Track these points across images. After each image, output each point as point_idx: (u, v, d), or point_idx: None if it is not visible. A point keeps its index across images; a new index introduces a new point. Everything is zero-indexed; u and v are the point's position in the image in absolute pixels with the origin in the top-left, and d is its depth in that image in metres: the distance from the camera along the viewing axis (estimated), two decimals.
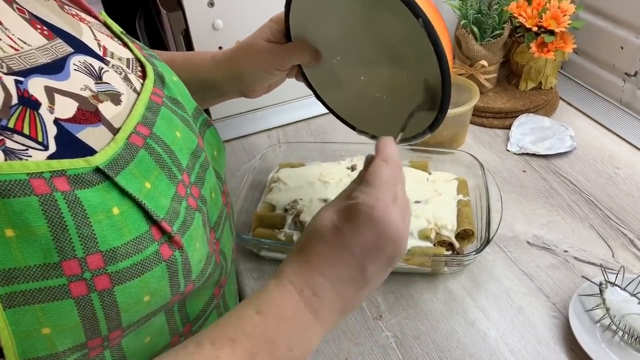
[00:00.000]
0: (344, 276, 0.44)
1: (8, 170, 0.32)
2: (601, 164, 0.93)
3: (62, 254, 0.34)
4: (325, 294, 0.44)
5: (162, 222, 0.39)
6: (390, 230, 0.44)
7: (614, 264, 0.74)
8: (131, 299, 0.38)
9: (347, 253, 0.44)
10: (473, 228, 0.76)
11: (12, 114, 0.33)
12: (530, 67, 1.04)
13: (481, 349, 0.65)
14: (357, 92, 0.74)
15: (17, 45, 0.37)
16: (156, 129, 0.43)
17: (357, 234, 0.44)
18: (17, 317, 0.34)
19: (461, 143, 0.99)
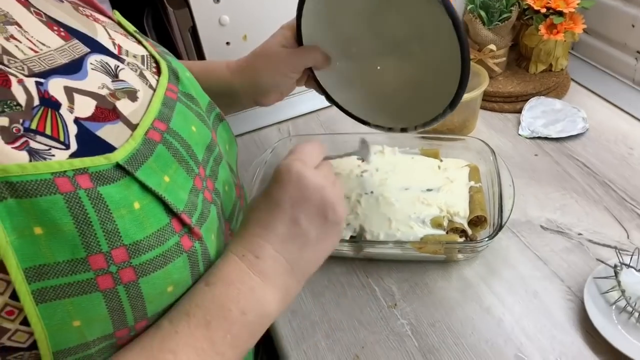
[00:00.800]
0: (280, 233, 0.46)
1: (33, 171, 0.33)
2: (614, 144, 0.92)
3: (89, 249, 0.35)
4: (266, 254, 0.46)
5: (182, 215, 0.41)
6: (309, 181, 0.46)
7: (629, 245, 0.74)
8: (155, 290, 0.39)
9: (276, 209, 0.46)
10: (486, 214, 0.76)
11: (34, 115, 0.35)
12: (540, 50, 1.03)
13: (497, 335, 0.66)
14: (369, 88, 0.75)
15: (36, 47, 0.38)
16: (173, 124, 0.45)
17: (282, 190, 0.46)
18: (49, 311, 0.35)
19: (472, 129, 0.99)
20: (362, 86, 0.75)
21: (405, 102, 0.73)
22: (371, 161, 0.81)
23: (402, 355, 0.65)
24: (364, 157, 0.67)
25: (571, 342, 0.64)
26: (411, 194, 0.77)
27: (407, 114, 0.71)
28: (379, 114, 0.73)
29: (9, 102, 0.34)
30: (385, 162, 0.85)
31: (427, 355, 0.65)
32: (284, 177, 0.47)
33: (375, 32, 0.70)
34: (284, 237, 0.46)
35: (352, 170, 0.84)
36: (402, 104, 0.73)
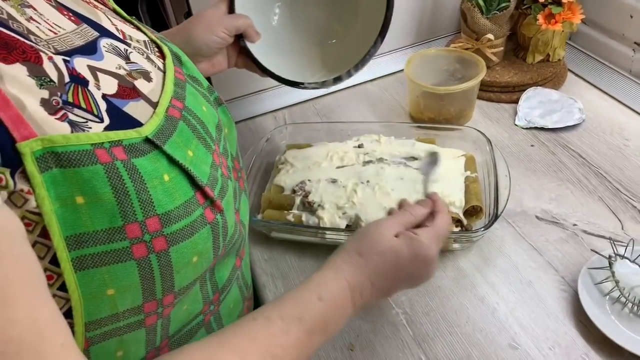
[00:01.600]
0: (384, 288, 0.54)
1: (76, 142, 0.34)
2: (610, 136, 0.92)
3: (125, 218, 0.37)
4: (366, 296, 0.52)
5: (206, 188, 0.43)
6: (431, 272, 0.56)
7: (624, 236, 0.74)
8: (183, 259, 0.41)
9: (396, 274, 0.54)
10: (481, 204, 0.76)
11: (67, 90, 0.36)
12: (538, 40, 1.02)
13: (491, 324, 0.66)
14: (300, 46, 0.81)
15: (54, 29, 0.39)
16: (187, 102, 0.46)
17: (412, 267, 0.54)
18: (87, 279, 0.36)
19: (468, 119, 0.99)
20: (293, 45, 0.81)
21: (336, 49, 0.79)
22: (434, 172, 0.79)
23: (397, 343, 0.65)
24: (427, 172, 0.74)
25: (565, 332, 0.64)
26: (407, 183, 0.77)
27: (340, 61, 0.77)
28: (313, 71, 0.79)
29: (44, 78, 0.35)
30: (382, 151, 0.84)
31: (421, 344, 0.65)
32: (421, 255, 0.54)
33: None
34: (383, 291, 0.54)
35: (347, 153, 0.84)
36: (332, 52, 0.79)
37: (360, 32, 0.77)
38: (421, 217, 0.59)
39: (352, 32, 0.80)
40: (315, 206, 0.76)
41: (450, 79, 1.00)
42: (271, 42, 0.78)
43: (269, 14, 0.80)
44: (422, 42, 1.15)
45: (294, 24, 0.82)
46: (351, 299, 0.50)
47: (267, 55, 0.77)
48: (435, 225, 0.57)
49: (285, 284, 0.74)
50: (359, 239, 0.55)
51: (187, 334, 0.49)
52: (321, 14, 0.81)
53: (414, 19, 1.11)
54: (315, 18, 0.82)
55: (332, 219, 0.74)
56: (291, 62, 0.80)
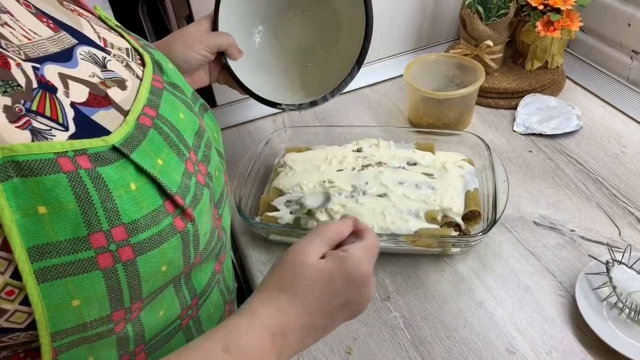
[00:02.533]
0: (318, 325, 0.45)
1: (38, 150, 0.34)
2: (608, 142, 0.92)
3: (90, 228, 0.36)
4: (294, 339, 0.44)
5: (175, 196, 0.42)
6: (370, 292, 0.47)
7: (621, 242, 0.74)
8: (151, 269, 0.40)
9: (330, 304, 0.45)
10: (479, 209, 0.76)
11: (34, 97, 0.35)
12: (536, 47, 1.03)
13: (488, 328, 0.66)
14: (280, 67, 0.83)
15: (29, 35, 0.39)
16: (161, 110, 0.46)
17: (346, 291, 0.45)
18: (50, 290, 0.36)
19: (467, 124, 0.99)
20: (274, 66, 0.83)
21: (315, 73, 0.81)
22: None
23: (395, 347, 0.65)
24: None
25: (562, 337, 0.64)
26: (406, 187, 0.77)
27: (318, 84, 0.79)
28: (292, 92, 0.81)
29: (11, 82, 0.34)
30: (381, 155, 0.85)
31: (419, 347, 0.65)
32: (356, 276, 0.45)
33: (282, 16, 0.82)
34: (317, 328, 0.46)
35: (346, 157, 0.84)
36: (312, 74, 0.81)
37: (340, 57, 0.79)
38: (346, 233, 0.50)
39: (332, 57, 0.82)
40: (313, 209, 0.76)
41: (449, 84, 1.01)
42: (252, 61, 0.80)
43: (251, 33, 0.82)
44: (422, 48, 1.16)
45: (276, 44, 0.83)
46: (272, 346, 0.43)
47: (247, 73, 0.78)
48: (365, 241, 0.49)
49: None
50: (278, 272, 0.46)
51: (164, 338, 0.48)
52: (303, 36, 0.83)
53: (413, 24, 1.11)
54: (298, 40, 0.83)
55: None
56: (271, 82, 0.81)
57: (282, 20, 0.82)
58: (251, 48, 0.81)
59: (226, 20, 0.75)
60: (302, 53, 0.83)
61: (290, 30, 0.83)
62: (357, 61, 0.72)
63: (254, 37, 0.82)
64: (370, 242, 0.49)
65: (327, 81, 0.77)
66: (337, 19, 0.80)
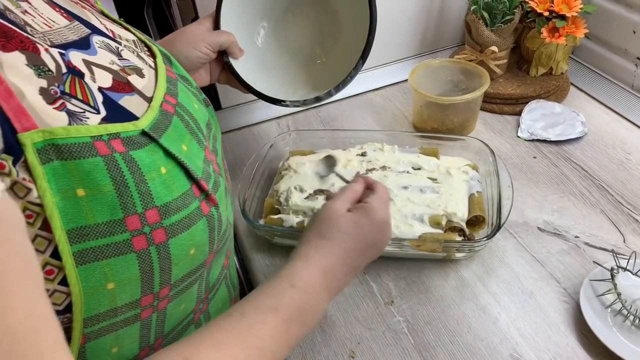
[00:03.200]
0: (353, 264, 0.54)
1: (76, 134, 0.35)
2: (612, 149, 0.92)
3: (126, 210, 0.37)
4: (338, 276, 0.53)
5: (201, 181, 0.43)
6: (389, 232, 0.58)
7: (626, 249, 0.74)
8: (181, 251, 0.42)
9: (361, 246, 0.54)
10: (484, 214, 0.76)
11: (65, 80, 0.36)
12: (541, 53, 1.03)
13: (492, 334, 0.66)
14: (283, 64, 0.83)
15: (48, 23, 0.40)
16: (180, 99, 0.47)
17: (373, 233, 0.55)
18: (88, 273, 0.36)
19: (471, 129, 0.99)
20: (276, 64, 0.82)
21: (319, 69, 0.81)
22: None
23: (398, 351, 0.65)
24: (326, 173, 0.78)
25: (566, 344, 0.64)
26: (410, 192, 0.77)
27: (322, 80, 0.79)
28: (295, 89, 0.80)
29: (42, 67, 0.35)
30: (386, 159, 0.85)
31: (422, 352, 0.65)
32: (379, 219, 0.56)
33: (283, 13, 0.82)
34: (355, 266, 0.55)
35: (351, 161, 0.84)
36: (315, 71, 0.81)
37: (341, 54, 0.79)
38: (360, 192, 0.61)
39: (333, 54, 0.82)
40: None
41: (454, 89, 1.01)
42: (254, 60, 0.80)
43: (253, 32, 0.82)
44: (427, 53, 1.16)
45: (277, 43, 0.84)
46: (325, 283, 0.50)
47: (249, 72, 0.78)
48: (378, 192, 0.59)
49: None
50: (316, 225, 0.55)
51: (179, 332, 0.49)
52: (304, 36, 0.83)
53: (419, 30, 1.12)
54: (298, 39, 0.83)
55: None
56: (274, 80, 0.81)
57: (282, 20, 0.83)
58: (252, 47, 0.81)
59: (228, 20, 0.75)
60: (303, 52, 0.84)
61: (291, 30, 0.83)
62: (362, 55, 0.73)
63: (255, 36, 0.83)
64: (382, 192, 0.60)
65: (330, 78, 0.77)
66: (337, 18, 0.81)
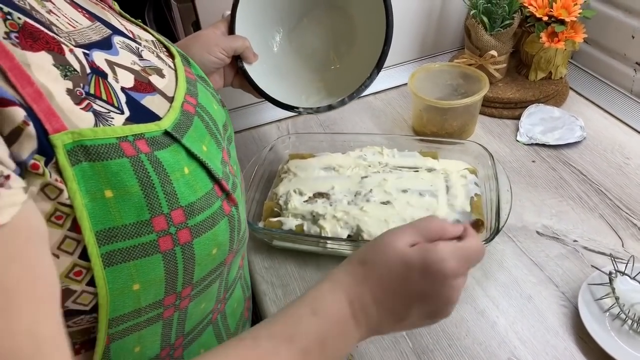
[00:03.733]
0: (391, 307, 0.45)
1: (103, 135, 0.35)
2: (611, 154, 0.93)
3: (152, 211, 0.37)
4: (370, 313, 0.45)
5: (222, 181, 0.43)
6: (450, 294, 0.45)
7: (624, 253, 0.74)
8: (204, 251, 0.42)
9: (404, 291, 0.45)
10: (483, 218, 0.76)
11: (89, 81, 0.37)
12: (540, 57, 1.03)
13: (490, 338, 0.66)
14: (297, 70, 0.82)
15: (72, 23, 0.40)
16: (200, 99, 0.47)
17: (423, 283, 0.44)
18: (115, 274, 0.37)
19: (470, 133, 1.00)
20: (290, 70, 0.82)
21: (333, 77, 0.80)
22: None
23: (397, 355, 0.65)
24: None
25: (564, 348, 0.64)
26: (410, 195, 0.77)
27: (336, 88, 0.78)
28: (308, 95, 0.80)
29: (68, 67, 0.35)
30: (385, 163, 0.85)
31: (421, 356, 0.65)
32: (435, 274, 0.44)
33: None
34: (391, 311, 0.45)
35: (354, 172, 0.84)
36: (329, 79, 0.81)
37: (356, 62, 0.78)
38: (449, 233, 0.47)
39: (347, 62, 0.81)
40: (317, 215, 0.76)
41: (453, 93, 1.01)
42: (268, 65, 0.80)
43: (268, 38, 0.82)
44: (426, 57, 1.17)
45: (292, 48, 0.83)
46: (351, 314, 0.44)
47: (263, 77, 0.78)
48: (464, 243, 0.46)
49: (286, 292, 0.74)
50: (366, 247, 0.47)
51: (198, 332, 0.49)
52: (318, 42, 0.83)
53: (418, 34, 1.12)
54: (313, 46, 0.83)
55: (333, 229, 0.74)
56: (287, 86, 0.81)
57: (298, 25, 0.83)
58: (267, 52, 0.81)
59: (243, 24, 0.75)
60: (318, 58, 0.83)
61: (306, 36, 0.83)
62: (377, 64, 0.72)
63: (269, 41, 0.82)
64: (468, 244, 0.46)
65: (344, 85, 0.77)
66: (352, 25, 0.80)
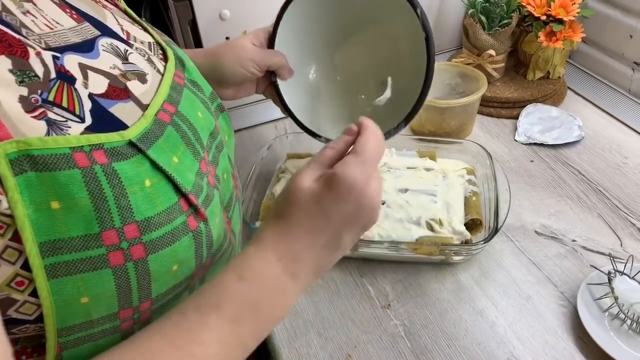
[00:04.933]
0: (321, 242, 0.45)
1: (53, 145, 0.34)
2: (609, 153, 0.92)
3: (102, 225, 0.36)
4: (303, 259, 0.45)
5: (190, 195, 0.42)
6: (369, 202, 0.45)
7: (623, 253, 0.74)
8: (162, 268, 0.40)
9: (326, 221, 0.44)
10: (481, 217, 0.76)
11: (51, 87, 0.36)
12: (539, 57, 1.03)
13: (489, 338, 0.66)
14: (328, 102, 0.78)
15: (50, 24, 0.39)
16: (181, 107, 0.46)
17: (338, 204, 0.44)
18: (60, 286, 0.35)
19: (469, 133, 0.99)
20: (323, 93, 0.78)
21: (363, 109, 0.75)
22: None
23: (395, 355, 0.65)
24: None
25: (563, 347, 0.64)
26: (408, 195, 0.77)
27: None
28: (335, 124, 0.76)
29: (28, 73, 0.34)
30: (383, 162, 0.85)
31: (419, 356, 0.64)
32: (344, 190, 0.43)
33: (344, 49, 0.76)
34: (324, 246, 0.45)
35: None
36: (359, 110, 0.75)
37: (390, 104, 0.72)
38: (344, 148, 0.48)
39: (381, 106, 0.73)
40: None
41: (451, 93, 1.01)
42: (302, 84, 0.76)
43: (306, 56, 0.77)
44: None
45: (329, 71, 0.79)
46: (283, 269, 0.43)
47: (294, 95, 0.75)
48: (358, 147, 0.46)
49: None
50: (278, 201, 0.47)
51: None
52: (359, 67, 0.78)
53: None
54: (353, 70, 0.78)
55: None
56: (317, 108, 0.77)
57: (341, 50, 0.78)
58: (303, 71, 0.77)
59: (284, 40, 0.72)
60: (355, 84, 0.78)
61: (347, 59, 0.78)
62: (406, 119, 0.66)
63: (308, 61, 0.78)
64: (361, 147, 0.45)
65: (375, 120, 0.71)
66: (397, 56, 0.73)
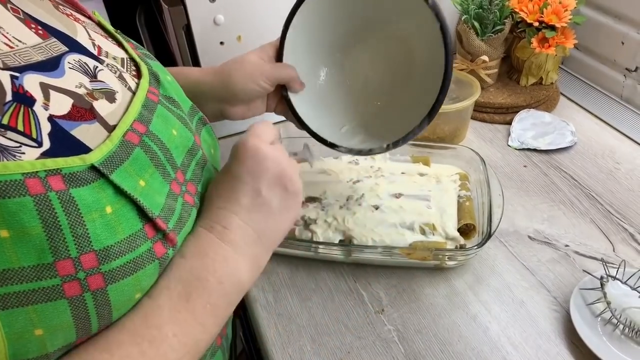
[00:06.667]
0: (244, 204, 0.48)
1: (3, 171, 0.32)
2: (602, 159, 0.93)
3: (56, 254, 0.34)
4: (234, 224, 0.47)
5: (157, 220, 0.40)
6: (265, 153, 0.49)
7: (615, 258, 0.74)
8: (123, 297, 0.38)
9: (237, 183, 0.48)
10: (475, 223, 0.76)
11: (6, 111, 0.33)
12: (531, 63, 1.04)
13: (483, 343, 0.66)
14: (341, 110, 0.76)
15: (11, 43, 0.37)
16: (152, 126, 0.44)
17: (241, 164, 0.48)
18: (11, 319, 0.33)
19: (462, 138, 1.00)
20: (336, 102, 0.76)
21: (379, 117, 0.74)
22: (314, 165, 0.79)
23: None
24: (309, 161, 0.70)
25: (556, 353, 0.64)
26: (401, 200, 0.77)
27: (380, 130, 0.71)
28: (350, 132, 0.74)
29: None
30: (377, 167, 0.85)
31: None
32: (241, 153, 0.49)
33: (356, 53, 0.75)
34: (248, 207, 0.48)
35: (342, 171, 0.84)
36: (375, 119, 0.74)
37: (408, 102, 0.71)
38: None
39: (399, 100, 0.73)
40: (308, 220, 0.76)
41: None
42: (314, 95, 0.74)
43: (317, 66, 0.75)
44: None
45: (341, 79, 0.77)
46: (218, 238, 0.46)
47: (307, 107, 0.73)
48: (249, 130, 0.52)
49: (277, 298, 0.74)
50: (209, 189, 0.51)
51: None
52: (371, 74, 0.76)
53: None
54: (365, 77, 0.76)
55: (325, 234, 0.74)
56: (331, 118, 0.75)
57: (351, 55, 0.76)
58: (314, 81, 0.75)
59: (292, 52, 0.70)
60: (368, 91, 0.77)
61: (358, 66, 0.77)
62: (429, 114, 0.64)
63: (319, 70, 0.76)
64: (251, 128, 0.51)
65: (390, 127, 0.69)
66: (410, 61, 0.72)
